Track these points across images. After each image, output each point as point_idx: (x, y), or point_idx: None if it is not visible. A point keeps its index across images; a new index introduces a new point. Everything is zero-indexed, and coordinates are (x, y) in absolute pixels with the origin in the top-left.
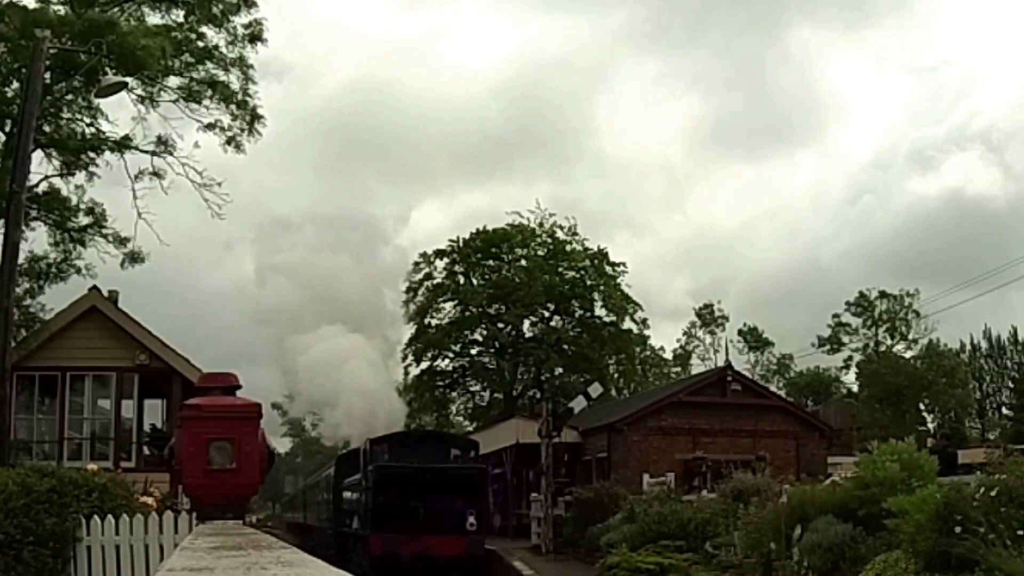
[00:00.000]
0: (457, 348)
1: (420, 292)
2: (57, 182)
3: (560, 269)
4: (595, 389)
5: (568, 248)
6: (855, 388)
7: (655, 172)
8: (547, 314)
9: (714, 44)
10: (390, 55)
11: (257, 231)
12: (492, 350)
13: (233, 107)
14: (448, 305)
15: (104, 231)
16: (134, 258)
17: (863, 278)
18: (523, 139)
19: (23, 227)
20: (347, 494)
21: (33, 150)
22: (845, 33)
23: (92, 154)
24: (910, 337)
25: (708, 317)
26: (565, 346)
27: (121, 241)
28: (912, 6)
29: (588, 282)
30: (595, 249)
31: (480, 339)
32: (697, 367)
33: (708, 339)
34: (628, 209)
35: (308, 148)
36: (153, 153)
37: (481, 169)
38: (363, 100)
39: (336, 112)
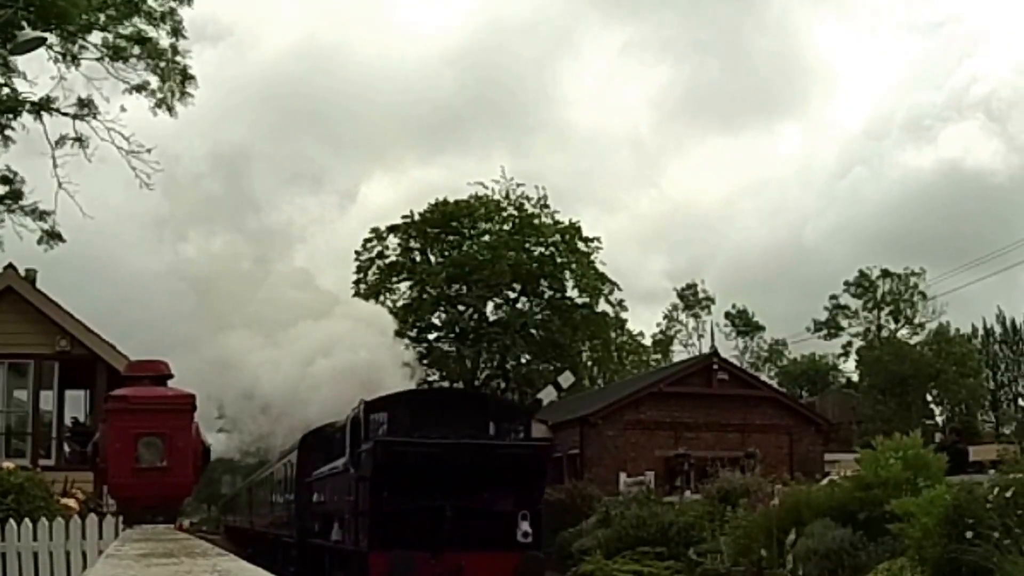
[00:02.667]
0: (413, 333)
1: (371, 271)
2: None
3: (527, 245)
4: (566, 378)
5: (536, 222)
6: (855, 377)
7: (624, 144)
8: (513, 295)
9: (686, 5)
10: (335, 17)
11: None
12: (452, 335)
13: (162, 66)
14: (403, 286)
15: (21, 203)
16: (52, 236)
17: (854, 257)
18: (479, 109)
19: None
20: (320, 490)
21: None
22: None
23: (8, 116)
24: (916, 321)
25: (691, 299)
26: (533, 331)
27: (40, 215)
28: None
29: (559, 259)
30: (566, 223)
31: (439, 323)
32: (679, 354)
33: (691, 323)
34: (595, 184)
35: (244, 118)
36: (75, 116)
37: (434, 141)
38: (305, 66)
39: (275, 79)
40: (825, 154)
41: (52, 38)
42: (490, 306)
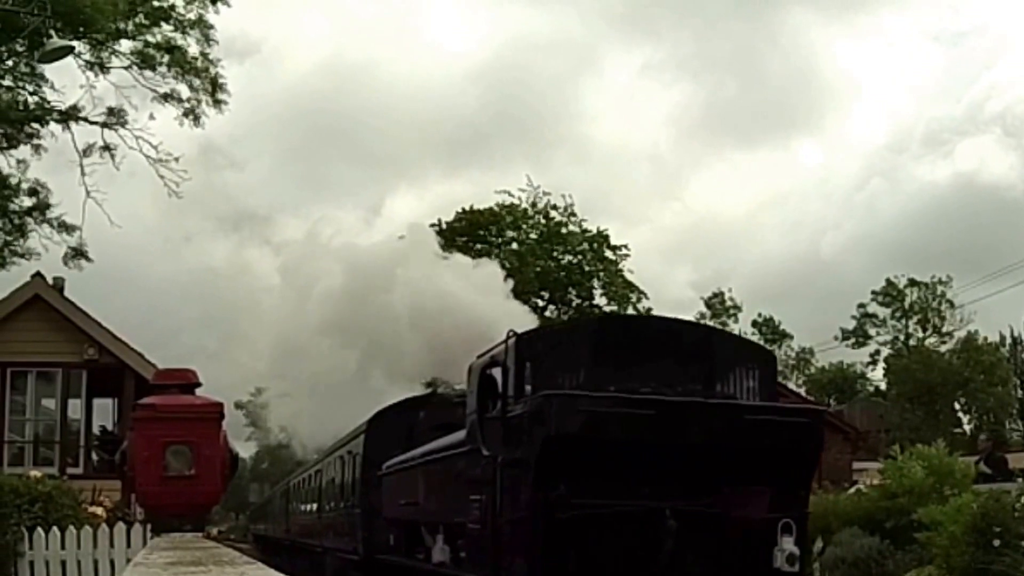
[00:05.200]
0: None
1: None
2: None
3: (555, 253)
4: None
5: (564, 230)
6: (883, 386)
7: (644, 159)
8: (541, 303)
9: (706, 24)
10: (362, 35)
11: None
12: None
13: (192, 75)
14: None
15: (48, 216)
16: (78, 254)
17: (873, 269)
18: (502, 125)
19: None
20: (403, 486)
21: None
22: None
23: (36, 125)
24: (944, 330)
25: (719, 307)
26: None
27: (67, 229)
28: None
29: (586, 267)
30: (594, 231)
31: None
32: None
33: None
34: (616, 198)
35: (271, 135)
36: (104, 125)
37: (458, 156)
38: (332, 84)
39: (302, 96)
40: (844, 167)
41: (80, 47)
42: None
